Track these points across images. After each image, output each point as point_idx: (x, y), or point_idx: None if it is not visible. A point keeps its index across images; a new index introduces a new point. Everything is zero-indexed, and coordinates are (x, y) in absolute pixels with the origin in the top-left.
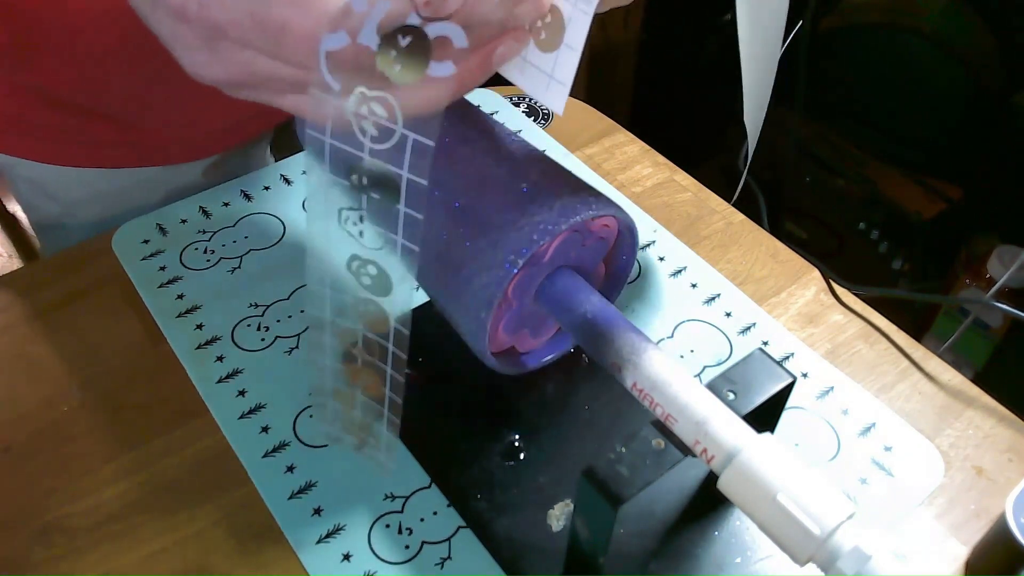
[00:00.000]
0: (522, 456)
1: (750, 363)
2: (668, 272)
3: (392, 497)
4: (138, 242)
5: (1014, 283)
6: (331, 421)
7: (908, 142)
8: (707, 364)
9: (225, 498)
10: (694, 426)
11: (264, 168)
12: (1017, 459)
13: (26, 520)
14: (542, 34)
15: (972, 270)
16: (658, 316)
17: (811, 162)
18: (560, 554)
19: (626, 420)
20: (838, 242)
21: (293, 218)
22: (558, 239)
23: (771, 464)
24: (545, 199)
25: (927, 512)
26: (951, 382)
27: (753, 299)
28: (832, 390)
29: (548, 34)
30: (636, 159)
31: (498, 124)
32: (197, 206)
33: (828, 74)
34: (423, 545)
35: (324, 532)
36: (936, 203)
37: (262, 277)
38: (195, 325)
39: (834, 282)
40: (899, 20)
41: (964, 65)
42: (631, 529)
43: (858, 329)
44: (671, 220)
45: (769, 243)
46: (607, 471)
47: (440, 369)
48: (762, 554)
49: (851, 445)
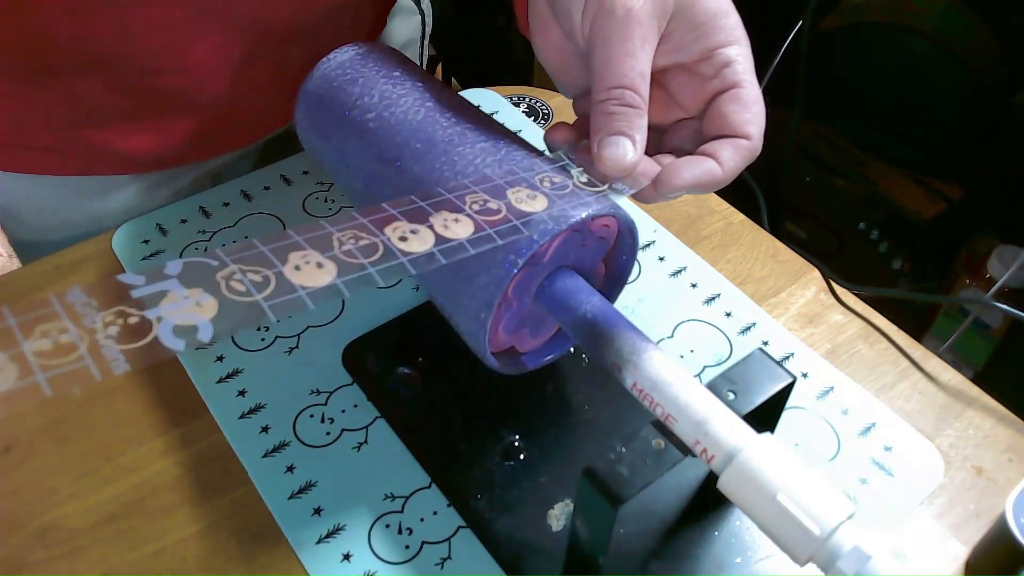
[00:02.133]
0: (522, 456)
1: (750, 363)
2: (668, 272)
3: (392, 497)
4: (138, 242)
5: (1014, 283)
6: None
7: (908, 142)
8: (707, 364)
9: (225, 498)
10: (694, 426)
11: (264, 168)
12: (1017, 459)
13: (26, 520)
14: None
15: (972, 270)
16: (658, 316)
17: (811, 162)
18: (560, 554)
19: (626, 420)
20: (838, 242)
21: (293, 218)
22: (558, 239)
23: (771, 464)
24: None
25: (927, 512)
26: (951, 382)
27: (753, 299)
28: (832, 390)
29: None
30: None
31: (496, 123)
32: (197, 206)
33: (828, 74)
34: (423, 545)
35: (324, 532)
36: (936, 203)
37: None
38: None
39: (834, 282)
40: (899, 20)
41: (964, 65)
42: (631, 529)
43: (858, 329)
44: (671, 220)
45: (769, 243)
46: (607, 471)
47: (440, 369)
48: (762, 554)
49: (851, 445)
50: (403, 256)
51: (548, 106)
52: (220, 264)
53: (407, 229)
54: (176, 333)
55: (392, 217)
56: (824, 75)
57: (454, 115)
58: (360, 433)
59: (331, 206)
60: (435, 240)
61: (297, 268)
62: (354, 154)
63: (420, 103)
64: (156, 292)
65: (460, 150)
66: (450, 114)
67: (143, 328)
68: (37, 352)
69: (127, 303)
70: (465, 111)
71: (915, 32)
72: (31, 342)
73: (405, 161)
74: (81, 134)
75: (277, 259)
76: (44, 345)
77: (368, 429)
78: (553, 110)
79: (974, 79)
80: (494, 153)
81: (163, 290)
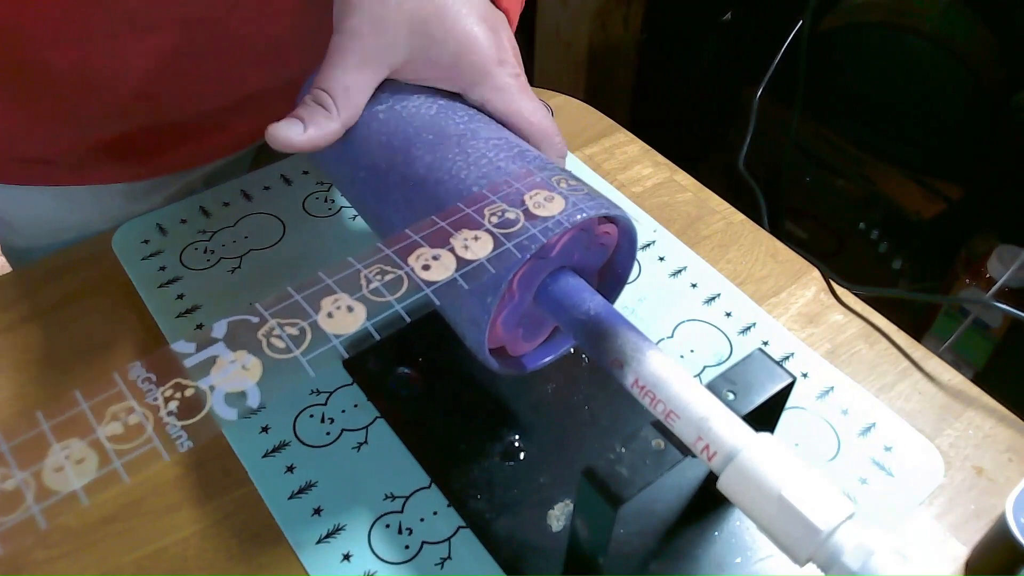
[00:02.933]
0: (522, 456)
1: (750, 363)
2: (668, 272)
3: (392, 497)
4: (138, 242)
5: (1014, 283)
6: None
7: (908, 142)
8: (707, 364)
9: (225, 498)
10: (696, 422)
11: (264, 168)
12: (1017, 459)
13: None
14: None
15: (972, 270)
16: (658, 316)
17: (811, 162)
18: (560, 554)
19: (626, 420)
20: (838, 242)
21: (293, 218)
22: (568, 234)
23: (771, 464)
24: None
25: (927, 512)
26: (951, 382)
27: (753, 299)
28: (832, 390)
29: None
30: (636, 159)
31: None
32: (197, 206)
33: (828, 74)
34: (423, 545)
35: (324, 532)
36: (936, 203)
37: (262, 277)
38: (195, 325)
39: (834, 282)
40: (899, 20)
41: (964, 65)
42: (631, 529)
43: (858, 329)
44: (671, 220)
45: (769, 243)
46: (607, 471)
47: (440, 369)
48: (762, 554)
49: (851, 445)
50: (427, 287)
51: (548, 106)
52: (260, 320)
53: (429, 256)
54: (228, 402)
55: (415, 245)
56: (824, 75)
57: (467, 113)
58: (360, 433)
59: (331, 206)
60: (456, 264)
61: (330, 315)
62: (360, 143)
63: (432, 100)
64: (206, 359)
65: (474, 143)
66: (463, 112)
67: (197, 401)
68: (111, 437)
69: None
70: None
71: (915, 32)
72: (104, 427)
73: (416, 150)
74: (73, 147)
75: (311, 307)
76: (116, 429)
77: (368, 429)
78: (553, 110)
79: (974, 79)
80: (507, 149)
81: (212, 355)
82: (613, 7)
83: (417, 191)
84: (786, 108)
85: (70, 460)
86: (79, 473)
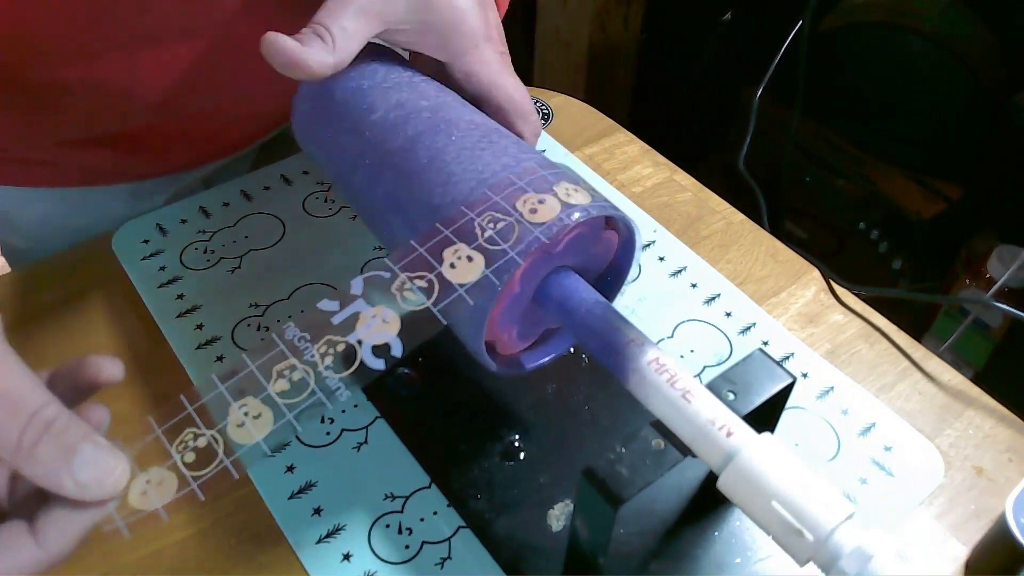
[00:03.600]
0: (522, 456)
1: (750, 363)
2: (668, 272)
3: (392, 497)
4: (138, 242)
5: (1014, 283)
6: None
7: (908, 142)
8: (707, 364)
9: (225, 498)
10: (713, 403)
11: (264, 168)
12: (1017, 459)
13: None
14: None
15: (972, 270)
16: (658, 316)
17: (811, 162)
18: (560, 554)
19: (626, 420)
20: (838, 242)
21: (293, 218)
22: (573, 231)
23: (771, 464)
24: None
25: (927, 512)
26: (951, 382)
27: (753, 299)
28: (832, 390)
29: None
30: (636, 159)
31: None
32: (197, 206)
33: (828, 74)
34: (423, 545)
35: (324, 532)
36: (936, 203)
37: (262, 277)
38: (195, 325)
39: (834, 282)
40: (899, 20)
41: (964, 65)
42: (631, 529)
43: (858, 329)
44: (671, 220)
45: (769, 243)
46: (607, 471)
47: (440, 369)
48: (762, 554)
49: (851, 445)
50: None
51: (548, 106)
52: (392, 276)
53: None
54: (375, 353)
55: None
56: (824, 75)
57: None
58: (360, 433)
59: (331, 206)
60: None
61: (452, 266)
62: (363, 121)
63: (438, 90)
64: (350, 316)
65: (484, 134)
66: (471, 108)
67: (349, 354)
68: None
69: (332, 332)
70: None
71: (915, 32)
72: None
73: (418, 124)
74: (78, 151)
75: (434, 259)
76: (283, 385)
77: (368, 429)
78: (553, 110)
79: (974, 79)
80: (519, 146)
81: (355, 311)
82: (613, 7)
83: (425, 174)
84: (786, 108)
85: (248, 416)
86: (258, 427)
